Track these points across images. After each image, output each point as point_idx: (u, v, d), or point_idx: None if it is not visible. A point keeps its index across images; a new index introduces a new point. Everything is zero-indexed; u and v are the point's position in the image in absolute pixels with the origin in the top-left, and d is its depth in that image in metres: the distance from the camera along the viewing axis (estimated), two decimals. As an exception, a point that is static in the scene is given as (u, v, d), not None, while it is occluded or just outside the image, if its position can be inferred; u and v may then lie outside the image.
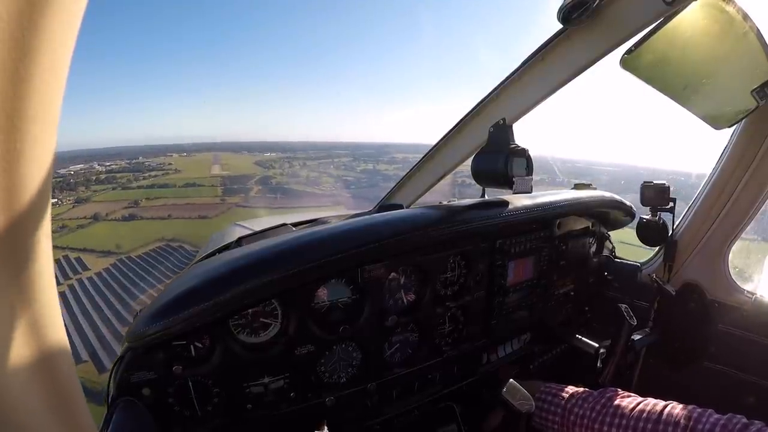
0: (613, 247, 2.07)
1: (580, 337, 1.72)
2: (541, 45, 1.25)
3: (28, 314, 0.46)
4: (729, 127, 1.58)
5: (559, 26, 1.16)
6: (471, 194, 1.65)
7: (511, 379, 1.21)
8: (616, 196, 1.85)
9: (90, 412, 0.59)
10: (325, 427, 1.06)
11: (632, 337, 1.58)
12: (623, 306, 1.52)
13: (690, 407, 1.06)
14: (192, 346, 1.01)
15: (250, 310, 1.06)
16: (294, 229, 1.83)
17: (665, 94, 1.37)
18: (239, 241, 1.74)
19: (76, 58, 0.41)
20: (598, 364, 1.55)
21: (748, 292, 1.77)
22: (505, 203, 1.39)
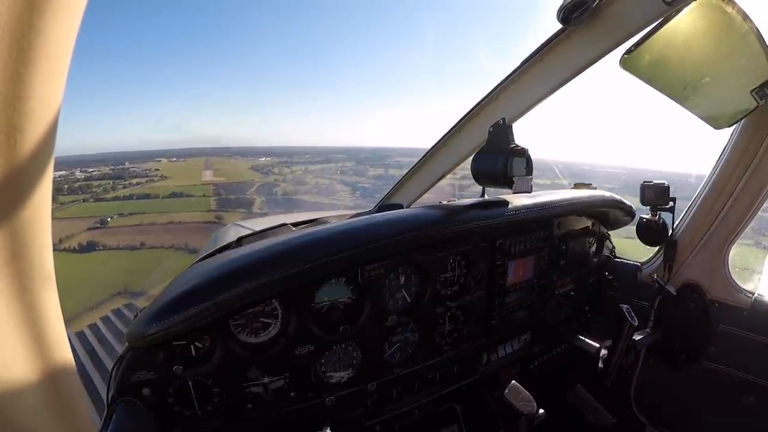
0: (613, 247, 2.07)
1: (581, 337, 1.72)
2: (541, 45, 1.25)
3: (28, 315, 0.46)
4: (729, 126, 1.58)
5: (559, 26, 1.16)
6: (470, 194, 1.64)
7: (514, 381, 1.21)
8: (616, 196, 1.85)
9: (90, 412, 0.60)
10: (328, 429, 1.05)
11: (633, 337, 1.58)
12: (624, 306, 1.52)
13: None
14: (192, 346, 1.01)
15: (250, 310, 1.06)
16: (294, 229, 1.83)
17: (665, 94, 1.37)
18: (239, 241, 1.74)
19: (72, 60, 0.41)
20: (600, 365, 1.55)
21: (748, 292, 1.77)
22: (505, 203, 1.39)
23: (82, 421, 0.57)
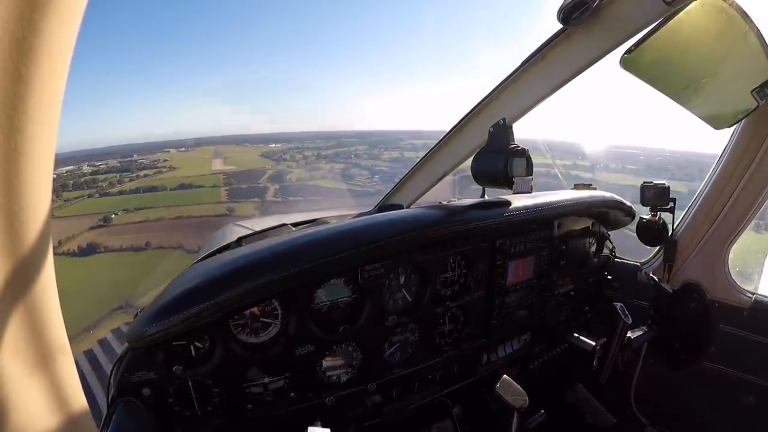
0: (613, 247, 2.07)
1: (577, 335, 1.72)
2: (541, 45, 1.25)
3: (28, 314, 0.46)
4: (729, 126, 1.58)
5: (559, 26, 1.16)
6: (471, 194, 1.64)
7: (505, 375, 1.21)
8: (616, 196, 1.85)
9: (90, 412, 0.60)
10: (319, 423, 1.05)
11: (629, 335, 1.58)
12: (618, 304, 1.52)
13: None
14: (192, 346, 1.01)
15: (250, 310, 1.06)
16: (294, 229, 1.83)
17: (665, 93, 1.37)
18: (239, 241, 1.74)
19: (76, 56, 0.41)
20: (595, 362, 1.55)
21: (748, 292, 1.77)
22: (505, 203, 1.39)
23: (82, 421, 0.57)
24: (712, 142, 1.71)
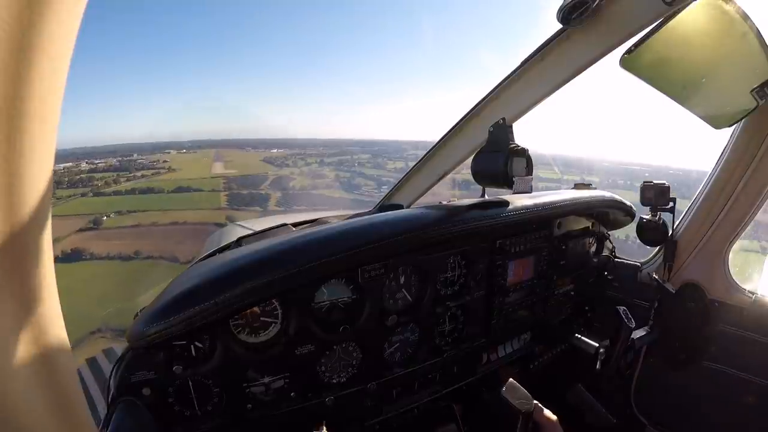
0: (613, 247, 2.07)
1: (579, 336, 1.72)
2: (541, 45, 1.25)
3: (28, 314, 0.46)
4: (729, 126, 1.58)
5: (559, 26, 1.16)
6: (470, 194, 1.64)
7: (511, 379, 1.21)
8: (616, 196, 1.85)
9: (90, 412, 0.60)
10: (324, 428, 1.06)
11: (632, 336, 1.58)
12: (621, 308, 1.52)
13: None
14: (192, 346, 1.01)
15: (250, 310, 1.06)
16: (294, 229, 1.83)
17: (665, 94, 1.37)
18: (239, 242, 1.74)
19: (80, 56, 0.41)
20: (597, 365, 1.55)
21: (748, 292, 1.77)
22: (505, 203, 1.39)
23: (82, 421, 0.57)
24: (712, 160, 1.73)
